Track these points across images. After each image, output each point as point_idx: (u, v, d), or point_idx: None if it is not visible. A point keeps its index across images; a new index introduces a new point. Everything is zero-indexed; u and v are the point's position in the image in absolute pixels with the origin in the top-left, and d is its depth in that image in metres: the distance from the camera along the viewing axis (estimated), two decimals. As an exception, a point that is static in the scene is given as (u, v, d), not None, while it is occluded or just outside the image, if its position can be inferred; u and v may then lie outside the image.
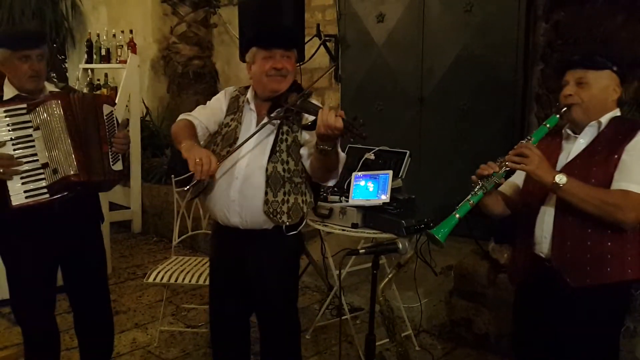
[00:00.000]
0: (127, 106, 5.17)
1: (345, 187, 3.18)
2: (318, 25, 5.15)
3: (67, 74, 7.81)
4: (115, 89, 5.40)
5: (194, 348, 3.28)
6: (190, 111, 6.32)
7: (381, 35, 5.00)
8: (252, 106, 2.26)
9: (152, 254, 5.03)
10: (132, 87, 5.25)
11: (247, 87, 2.33)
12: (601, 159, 1.86)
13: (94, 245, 2.62)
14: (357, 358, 3.06)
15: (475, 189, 1.90)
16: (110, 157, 2.41)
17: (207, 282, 3.11)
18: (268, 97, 2.22)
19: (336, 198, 3.18)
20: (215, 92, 6.55)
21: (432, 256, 3.54)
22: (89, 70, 5.67)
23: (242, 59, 3.87)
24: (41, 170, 2.28)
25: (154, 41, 6.29)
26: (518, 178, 2.11)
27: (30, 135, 2.28)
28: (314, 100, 2.21)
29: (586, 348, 1.91)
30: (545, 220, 1.93)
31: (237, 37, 5.87)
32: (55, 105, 2.29)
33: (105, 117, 2.42)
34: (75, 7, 6.76)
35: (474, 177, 1.94)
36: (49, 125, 2.28)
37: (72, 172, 2.26)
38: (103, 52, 5.46)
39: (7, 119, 2.25)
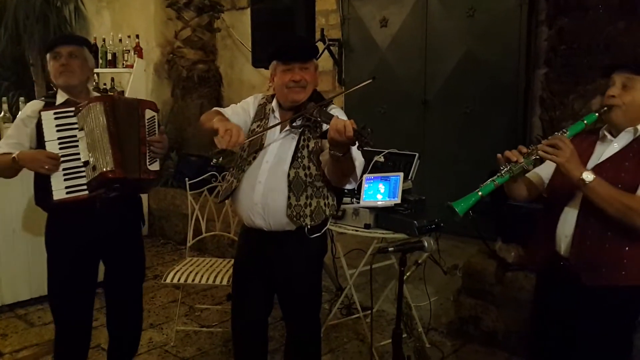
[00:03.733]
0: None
1: (355, 189, 3.26)
2: (322, 30, 5.24)
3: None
4: (122, 93, 5.46)
5: (210, 347, 3.35)
6: (195, 114, 6.38)
7: (385, 40, 5.10)
8: (277, 114, 2.36)
9: (160, 256, 5.10)
10: (139, 91, 5.33)
11: (273, 96, 2.42)
12: (632, 166, 1.90)
13: (134, 247, 2.75)
14: (370, 355, 3.14)
15: (502, 171, 1.91)
16: (147, 157, 2.52)
17: (222, 282, 3.20)
18: (290, 107, 2.32)
19: (348, 200, 3.26)
20: (219, 96, 6.66)
21: (440, 255, 3.64)
22: (95, 75, 5.72)
23: (255, 64, 3.99)
24: (83, 168, 2.43)
25: (157, 45, 6.35)
26: (546, 170, 2.12)
27: (75, 136, 2.44)
28: (334, 110, 2.29)
29: (599, 343, 1.98)
30: (568, 219, 1.97)
31: (241, 41, 6.00)
32: (98, 106, 2.44)
33: (146, 121, 2.56)
34: (78, 11, 6.81)
35: (499, 155, 1.95)
36: (91, 126, 2.43)
37: (108, 169, 2.38)
38: (109, 57, 5.53)
39: (56, 120, 2.43)
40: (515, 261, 3.24)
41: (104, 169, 2.37)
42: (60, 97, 2.56)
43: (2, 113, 3.86)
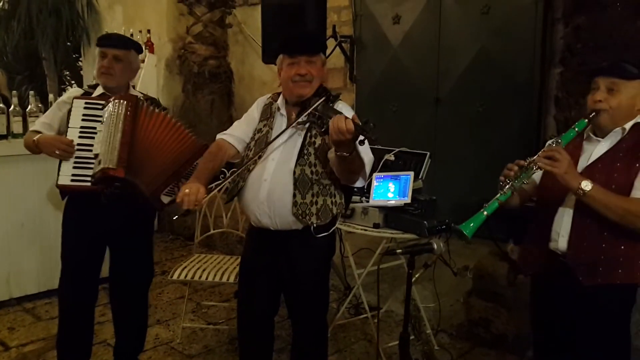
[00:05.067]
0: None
1: (365, 187, 3.21)
2: (334, 27, 5.19)
3: (81, 72, 7.89)
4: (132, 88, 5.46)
5: (216, 344, 3.33)
6: (206, 111, 6.35)
7: (397, 37, 5.04)
8: (283, 111, 2.32)
9: (169, 251, 5.09)
10: (150, 86, 5.33)
11: (279, 94, 2.38)
12: (623, 166, 1.94)
13: (140, 245, 2.77)
14: (377, 356, 3.09)
15: (505, 189, 1.95)
16: (167, 188, 2.53)
17: (229, 280, 3.18)
18: (295, 102, 2.28)
19: (357, 198, 3.22)
20: (230, 92, 6.62)
21: (450, 256, 3.58)
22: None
23: (265, 60, 3.95)
24: (92, 160, 2.46)
25: (169, 40, 6.33)
26: (535, 175, 2.15)
27: (95, 128, 2.48)
28: (341, 105, 2.24)
29: (598, 338, 2.02)
30: (564, 219, 2.01)
31: (252, 37, 5.97)
32: (120, 104, 2.46)
33: (195, 164, 2.53)
34: (91, 6, 6.81)
35: (502, 177, 2.00)
36: (109, 120, 2.45)
37: (110, 166, 2.39)
38: (120, 52, 5.52)
39: (85, 110, 2.50)
40: (519, 256, 3.19)
41: (106, 165, 2.39)
42: (99, 90, 2.62)
43: (12, 107, 3.85)
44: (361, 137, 1.87)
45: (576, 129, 1.99)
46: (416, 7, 4.87)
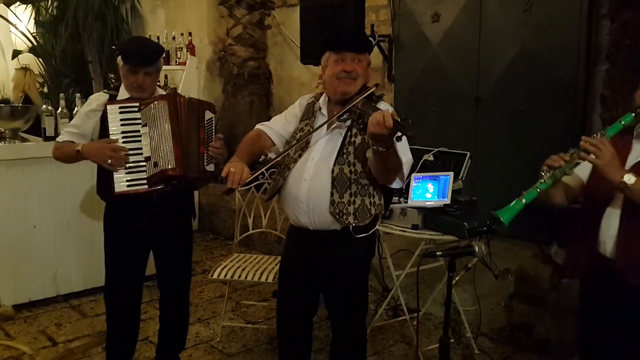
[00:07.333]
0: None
1: (404, 188, 3.19)
2: (372, 26, 5.16)
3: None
4: (175, 90, 5.56)
5: (255, 344, 3.36)
6: (246, 111, 6.42)
7: (436, 35, 4.97)
8: (324, 111, 2.32)
9: (209, 250, 5.17)
10: (191, 88, 5.42)
11: (322, 93, 2.39)
12: None
13: (184, 239, 2.84)
14: (416, 359, 3.07)
15: (545, 177, 1.91)
16: (205, 158, 2.61)
17: (268, 280, 3.21)
18: (339, 100, 2.27)
19: (395, 199, 3.20)
20: (269, 93, 6.68)
21: (491, 259, 3.52)
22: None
23: (303, 61, 3.97)
24: (144, 163, 2.52)
25: (210, 43, 6.44)
26: (582, 172, 2.10)
27: (138, 131, 2.54)
28: (383, 105, 2.22)
29: None
30: (612, 220, 1.95)
31: (291, 38, 6.00)
32: (162, 105, 2.52)
33: (205, 122, 2.64)
34: (134, 10, 6.99)
35: (544, 167, 1.95)
36: (155, 123, 2.52)
37: (170, 167, 2.48)
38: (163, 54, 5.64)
39: (121, 114, 2.53)
40: (566, 259, 3.11)
41: (166, 167, 2.47)
42: (124, 92, 2.63)
43: (60, 109, 3.99)
44: (398, 133, 1.85)
45: (622, 123, 1.92)
46: (456, 5, 4.79)
